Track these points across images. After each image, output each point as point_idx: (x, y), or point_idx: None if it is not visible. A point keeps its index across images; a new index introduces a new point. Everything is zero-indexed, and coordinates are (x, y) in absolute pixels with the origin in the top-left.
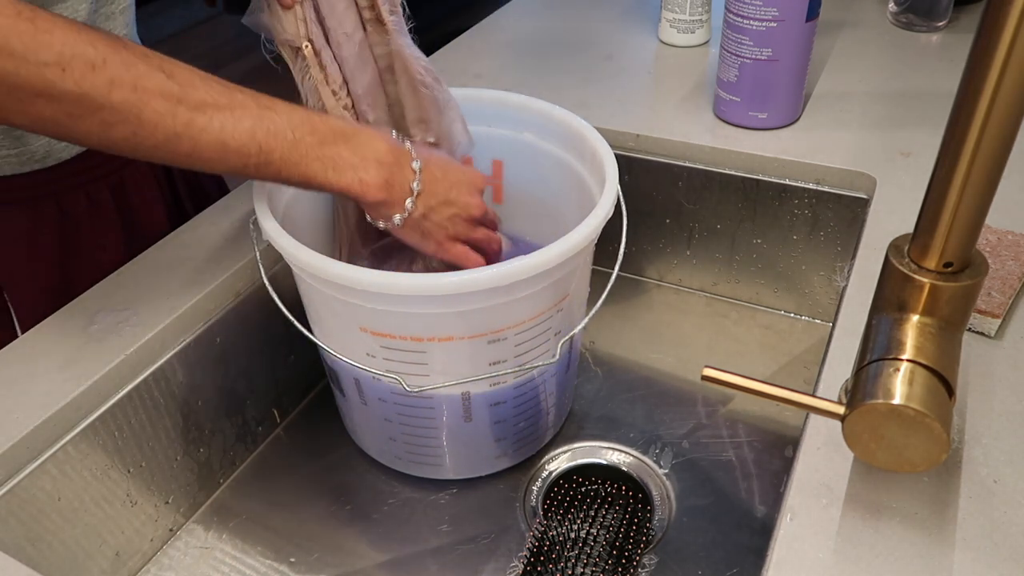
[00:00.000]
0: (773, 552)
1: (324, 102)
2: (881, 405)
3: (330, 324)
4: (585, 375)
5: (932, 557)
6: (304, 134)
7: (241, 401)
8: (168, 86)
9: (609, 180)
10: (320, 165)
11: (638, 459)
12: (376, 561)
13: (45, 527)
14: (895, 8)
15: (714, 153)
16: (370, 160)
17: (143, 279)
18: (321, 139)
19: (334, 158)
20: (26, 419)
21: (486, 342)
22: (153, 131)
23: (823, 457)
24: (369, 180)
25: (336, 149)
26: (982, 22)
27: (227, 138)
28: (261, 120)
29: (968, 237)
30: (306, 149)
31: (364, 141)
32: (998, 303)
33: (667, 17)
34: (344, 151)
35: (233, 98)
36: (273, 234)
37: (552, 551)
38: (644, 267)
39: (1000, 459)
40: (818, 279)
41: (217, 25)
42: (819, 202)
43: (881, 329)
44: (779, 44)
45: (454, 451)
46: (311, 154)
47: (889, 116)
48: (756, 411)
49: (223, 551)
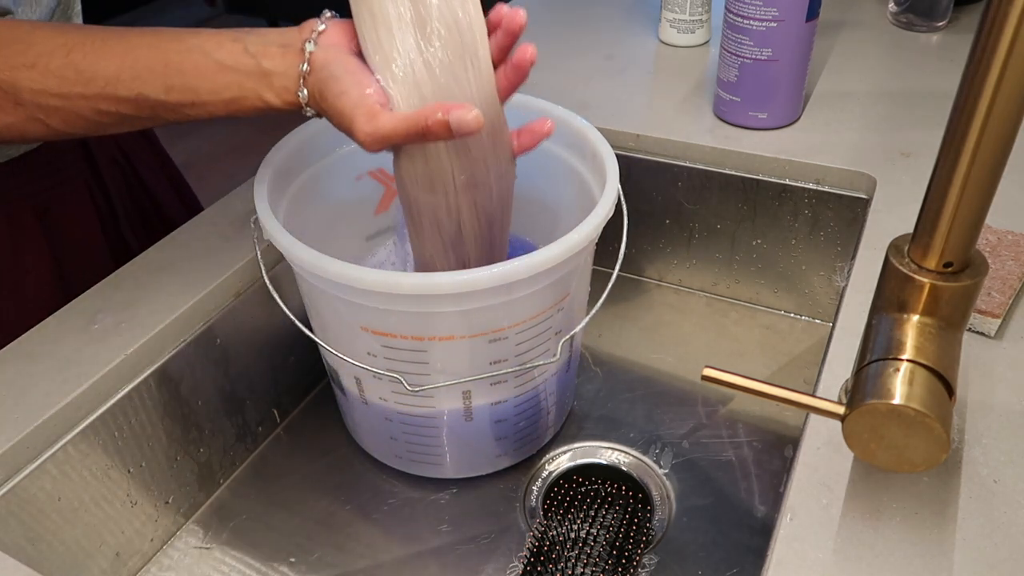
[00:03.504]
0: (773, 552)
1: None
2: (881, 405)
3: (331, 323)
4: (585, 375)
5: (932, 557)
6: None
7: (241, 401)
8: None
9: (610, 180)
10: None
11: (638, 459)
12: (376, 561)
13: (45, 527)
14: (895, 8)
15: (714, 153)
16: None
17: (143, 279)
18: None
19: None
20: (26, 419)
21: (487, 341)
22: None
23: (823, 457)
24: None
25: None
26: (982, 22)
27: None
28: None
29: (968, 237)
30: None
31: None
32: (998, 303)
33: (667, 17)
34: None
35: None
36: (274, 233)
37: (552, 551)
38: (644, 267)
39: (1000, 459)
40: (818, 279)
41: (217, 25)
42: (819, 202)
43: (881, 329)
44: (779, 44)
45: (454, 450)
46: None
47: (889, 116)
48: (756, 411)
49: (223, 551)
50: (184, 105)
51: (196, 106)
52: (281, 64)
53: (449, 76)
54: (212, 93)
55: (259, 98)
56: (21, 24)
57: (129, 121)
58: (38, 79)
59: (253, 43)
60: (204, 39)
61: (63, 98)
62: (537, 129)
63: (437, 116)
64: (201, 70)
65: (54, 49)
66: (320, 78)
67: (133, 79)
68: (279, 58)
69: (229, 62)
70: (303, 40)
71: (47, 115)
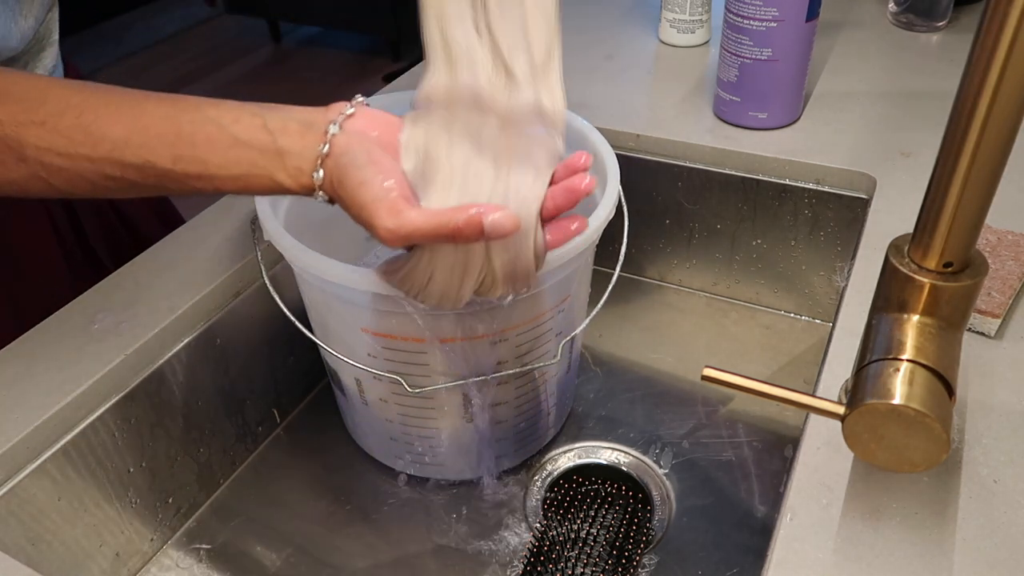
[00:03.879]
0: (773, 552)
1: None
2: (881, 405)
3: (331, 324)
4: (585, 375)
5: (932, 557)
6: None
7: (241, 401)
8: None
9: (611, 181)
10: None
11: (638, 459)
12: (376, 561)
13: (45, 527)
14: (895, 8)
15: (714, 153)
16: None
17: (143, 279)
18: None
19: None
20: (26, 419)
21: (487, 343)
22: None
23: (823, 457)
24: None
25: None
26: (982, 22)
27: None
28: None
29: (968, 237)
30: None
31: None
32: (998, 303)
33: (667, 17)
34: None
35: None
36: (274, 234)
37: (552, 551)
38: (644, 267)
39: (1000, 459)
40: (818, 279)
41: (217, 25)
42: (819, 202)
43: (881, 329)
44: (779, 44)
45: (454, 451)
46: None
47: (889, 116)
48: (756, 411)
49: (223, 551)
50: (191, 177)
51: (203, 179)
52: (299, 143)
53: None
54: (221, 167)
55: (270, 178)
56: (39, 80)
57: (135, 188)
58: (45, 137)
59: (273, 119)
60: (222, 111)
61: (68, 158)
62: (566, 226)
63: (471, 213)
64: (213, 142)
65: (66, 109)
66: (340, 164)
67: (141, 145)
68: (297, 137)
69: (244, 137)
70: (328, 121)
71: (50, 174)
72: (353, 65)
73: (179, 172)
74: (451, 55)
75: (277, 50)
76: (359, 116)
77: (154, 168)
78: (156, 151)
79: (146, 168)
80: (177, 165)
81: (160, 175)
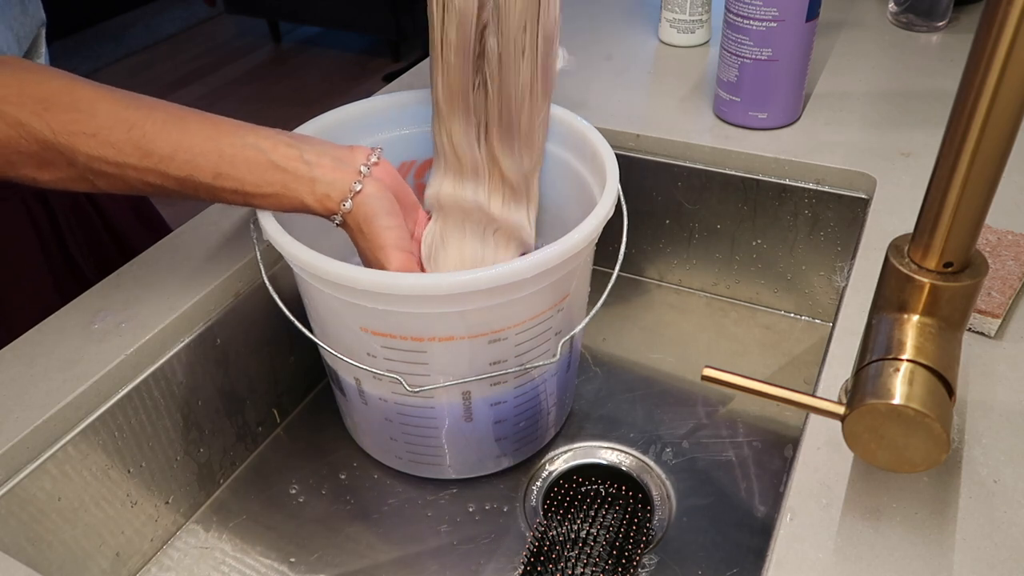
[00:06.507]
0: (773, 552)
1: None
2: (881, 405)
3: (330, 324)
4: (585, 375)
5: (932, 557)
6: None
7: (241, 401)
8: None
9: (610, 180)
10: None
11: (638, 459)
12: (376, 561)
13: (45, 527)
14: (895, 8)
15: (714, 153)
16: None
17: (143, 279)
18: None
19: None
20: (26, 419)
21: (487, 342)
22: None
23: (823, 457)
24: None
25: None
26: (982, 22)
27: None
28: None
29: (968, 237)
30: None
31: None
32: (998, 303)
33: (667, 17)
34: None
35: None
36: (273, 234)
37: (552, 551)
38: (644, 267)
39: (1000, 459)
40: (818, 279)
41: (217, 25)
42: (819, 202)
43: (881, 329)
44: (779, 44)
45: (454, 451)
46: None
47: (889, 116)
48: (756, 411)
49: (223, 551)
50: (226, 191)
51: (237, 193)
52: (331, 175)
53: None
54: (257, 187)
55: (298, 200)
56: (80, 88)
57: (168, 192)
58: (96, 147)
59: (309, 151)
60: (260, 137)
61: (116, 167)
62: None
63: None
64: (252, 165)
65: (115, 124)
66: (368, 203)
67: (186, 162)
68: (330, 170)
69: (282, 163)
70: (359, 164)
71: (96, 177)
72: (353, 65)
73: (217, 186)
74: (461, 169)
75: (277, 50)
76: (382, 166)
77: (194, 181)
78: (200, 168)
79: (187, 180)
80: (216, 181)
81: (198, 187)
